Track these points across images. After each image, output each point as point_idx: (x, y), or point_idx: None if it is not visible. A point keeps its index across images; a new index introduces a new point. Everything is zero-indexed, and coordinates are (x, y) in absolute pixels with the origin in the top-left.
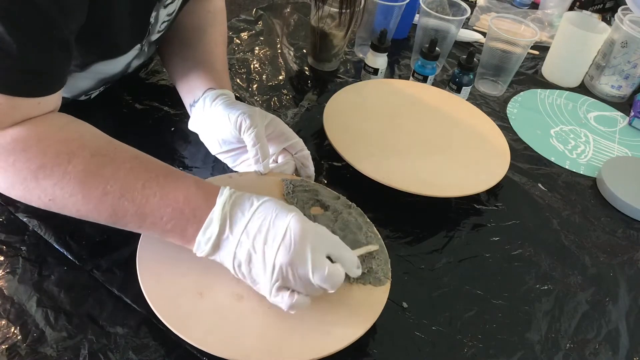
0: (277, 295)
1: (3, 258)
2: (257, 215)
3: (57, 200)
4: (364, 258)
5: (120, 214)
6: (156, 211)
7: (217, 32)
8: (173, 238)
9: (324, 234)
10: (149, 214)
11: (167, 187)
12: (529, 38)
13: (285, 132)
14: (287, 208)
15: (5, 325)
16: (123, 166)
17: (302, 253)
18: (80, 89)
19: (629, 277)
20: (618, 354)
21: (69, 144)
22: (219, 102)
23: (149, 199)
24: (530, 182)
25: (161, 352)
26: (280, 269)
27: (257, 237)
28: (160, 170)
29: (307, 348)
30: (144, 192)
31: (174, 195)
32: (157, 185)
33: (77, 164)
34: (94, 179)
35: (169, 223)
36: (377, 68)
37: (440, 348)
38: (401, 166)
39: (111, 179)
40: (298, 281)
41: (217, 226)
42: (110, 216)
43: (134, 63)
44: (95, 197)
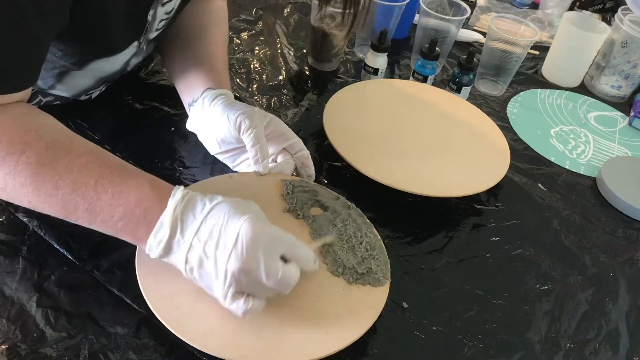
0: (232, 302)
1: (3, 258)
2: (209, 218)
3: (7, 189)
4: (364, 258)
5: (70, 209)
6: (107, 210)
7: (218, 32)
8: (124, 237)
9: (277, 236)
10: (100, 212)
11: (120, 185)
12: (529, 38)
13: (284, 132)
14: (240, 211)
15: (5, 325)
16: (77, 160)
17: (254, 259)
18: (79, 88)
19: (629, 277)
20: (618, 354)
21: (24, 135)
22: (218, 102)
23: (101, 196)
24: (530, 182)
25: (161, 352)
26: (233, 275)
27: (208, 243)
28: (115, 167)
29: (307, 348)
30: (96, 189)
31: (127, 194)
32: (109, 183)
33: (30, 154)
34: (46, 172)
35: (119, 222)
36: (377, 68)
37: (440, 348)
38: (401, 166)
39: (64, 172)
40: (252, 286)
41: (168, 229)
42: (60, 210)
43: (133, 61)
44: (46, 190)
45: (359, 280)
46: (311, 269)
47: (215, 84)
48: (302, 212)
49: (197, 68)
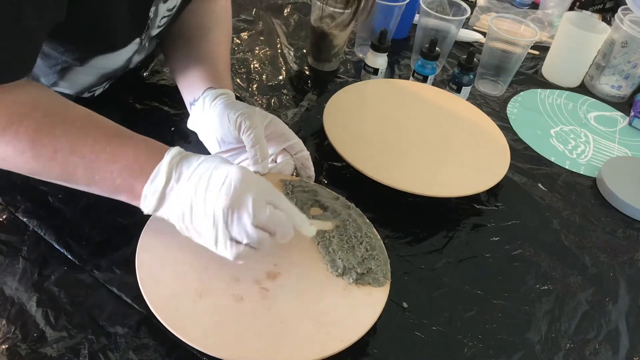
0: (223, 246)
1: (3, 258)
2: (201, 166)
3: (8, 159)
4: (364, 258)
5: (70, 171)
6: (105, 167)
7: (221, 32)
8: (123, 194)
9: (267, 187)
10: (98, 169)
11: (116, 143)
12: (529, 38)
13: (285, 132)
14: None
15: (5, 325)
16: (74, 124)
17: (242, 197)
18: (82, 85)
19: (629, 277)
20: (618, 354)
21: (21, 107)
22: (219, 101)
23: (99, 155)
24: (530, 182)
25: (161, 352)
26: (222, 213)
27: (199, 185)
28: (110, 129)
29: (308, 349)
30: (94, 148)
31: (124, 151)
32: (106, 142)
33: (28, 124)
34: (44, 138)
35: (118, 178)
36: (377, 68)
37: (440, 348)
38: (401, 166)
39: (62, 137)
40: (240, 227)
41: (164, 178)
42: (61, 173)
43: (135, 58)
44: (46, 154)
45: (359, 281)
46: (308, 232)
47: (217, 84)
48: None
49: (198, 67)
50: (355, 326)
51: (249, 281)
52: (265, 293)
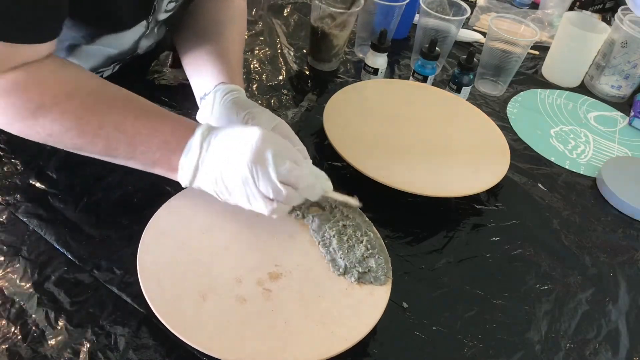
0: (255, 201)
1: (3, 258)
2: (226, 133)
3: (54, 135)
4: (365, 257)
5: (113, 145)
6: (146, 142)
7: (235, 30)
8: (160, 167)
9: (287, 145)
10: (139, 144)
11: (155, 120)
12: (529, 38)
13: (290, 136)
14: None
15: (6, 325)
16: (116, 103)
17: (263, 153)
18: (90, 65)
19: (629, 277)
20: (618, 354)
21: (65, 85)
22: (229, 97)
23: (140, 130)
24: (530, 182)
25: (161, 352)
26: (247, 169)
27: (226, 149)
28: (149, 107)
29: (313, 349)
30: (135, 125)
31: (162, 127)
32: (146, 119)
33: (74, 102)
34: (89, 115)
35: (157, 152)
36: (377, 68)
37: (440, 348)
38: (401, 166)
39: (106, 114)
40: (266, 182)
41: (198, 150)
42: (104, 148)
43: (143, 43)
44: (91, 130)
45: (361, 279)
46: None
47: (228, 79)
48: (302, 211)
49: (211, 63)
50: (358, 325)
51: (252, 282)
52: (268, 294)
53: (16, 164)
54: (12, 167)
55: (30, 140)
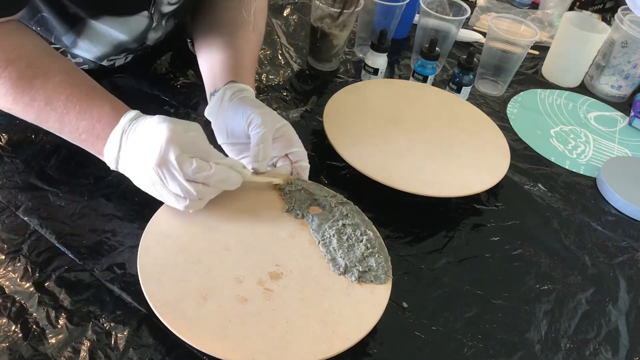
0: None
1: (4, 257)
2: (142, 129)
3: None
4: (365, 256)
5: (43, 119)
6: (74, 122)
7: (252, 30)
8: (87, 148)
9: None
10: (67, 123)
11: (86, 103)
12: (529, 38)
13: (292, 139)
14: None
15: (6, 324)
16: (53, 78)
17: (167, 155)
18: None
19: (629, 277)
20: (618, 354)
21: (9, 53)
22: (239, 96)
23: (69, 111)
24: (530, 182)
25: (161, 351)
26: (154, 172)
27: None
28: (84, 87)
29: (315, 348)
30: (66, 105)
31: (90, 111)
32: (78, 101)
33: (12, 71)
34: (24, 87)
35: (83, 134)
36: (377, 68)
37: (440, 348)
38: (401, 166)
39: (40, 89)
40: (174, 183)
41: (117, 143)
42: (35, 119)
43: (151, 35)
44: (24, 101)
45: (361, 278)
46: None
47: (240, 78)
48: (302, 211)
49: (224, 60)
50: (360, 324)
51: (252, 282)
52: (269, 294)
53: (17, 163)
54: (12, 166)
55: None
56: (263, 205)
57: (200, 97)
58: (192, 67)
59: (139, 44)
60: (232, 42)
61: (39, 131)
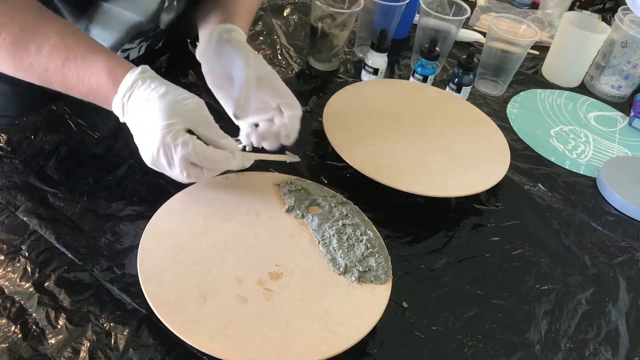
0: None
1: (3, 257)
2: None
3: None
4: (365, 256)
5: (47, 82)
6: (75, 88)
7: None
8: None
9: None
10: (71, 88)
11: (82, 69)
12: (529, 38)
13: (278, 87)
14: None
15: (6, 325)
16: (47, 43)
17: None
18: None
19: (629, 277)
20: (618, 354)
21: (1, 17)
22: (228, 37)
23: (68, 76)
24: (530, 182)
25: (161, 351)
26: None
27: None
28: (79, 50)
29: (315, 348)
30: (64, 71)
31: (88, 79)
32: (74, 66)
33: (6, 36)
34: (21, 53)
35: (89, 96)
36: (377, 68)
37: (440, 348)
38: (401, 166)
39: (35, 54)
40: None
41: (121, 112)
42: (40, 83)
43: (164, 17)
44: (24, 67)
45: (362, 278)
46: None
47: (231, 21)
48: (301, 211)
49: (219, 9)
50: (360, 324)
51: (252, 282)
52: (269, 294)
53: (16, 164)
54: (12, 166)
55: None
56: (263, 205)
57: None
58: (192, 67)
59: (153, 25)
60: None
61: (39, 131)
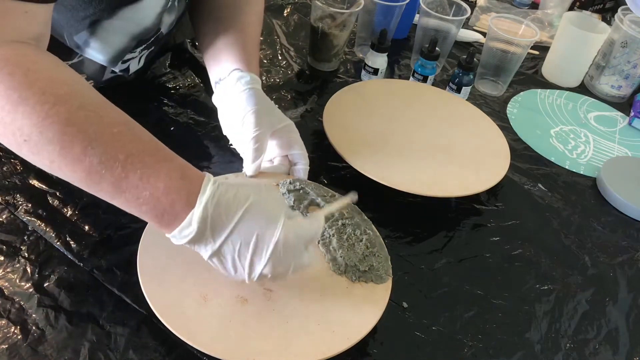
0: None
1: (3, 258)
2: (242, 225)
3: (32, 143)
4: (365, 256)
5: (95, 180)
6: (133, 190)
7: (252, 12)
8: (147, 220)
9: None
10: (126, 190)
11: (150, 168)
12: (529, 38)
13: (292, 140)
14: (273, 216)
15: (6, 325)
16: (109, 129)
17: (287, 264)
18: (115, 48)
19: (629, 277)
20: (618, 354)
21: (57, 87)
22: (244, 87)
23: (129, 174)
24: (530, 182)
25: (161, 351)
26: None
27: (242, 249)
28: (147, 145)
29: (315, 348)
30: (125, 167)
31: (155, 180)
32: (140, 163)
33: (61, 110)
34: (75, 133)
35: (144, 206)
36: (377, 68)
37: (440, 348)
38: (401, 166)
39: (94, 140)
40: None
41: (196, 228)
42: (84, 179)
43: (166, 19)
44: (74, 153)
45: (362, 278)
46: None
47: (244, 65)
48: (301, 211)
49: (227, 47)
50: (360, 324)
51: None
52: (269, 294)
53: (15, 164)
54: (11, 167)
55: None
56: None
57: (199, 97)
58: (190, 67)
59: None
60: (234, 27)
61: None
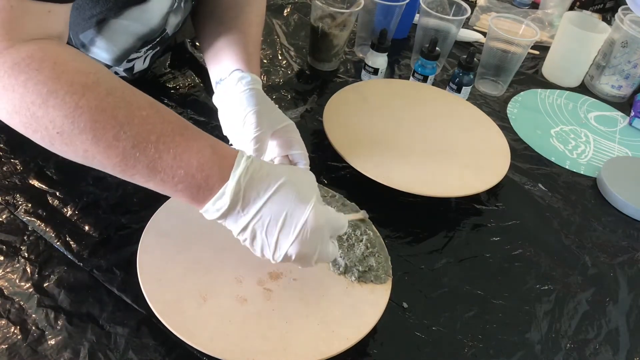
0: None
1: (3, 258)
2: (273, 200)
3: (65, 134)
4: (365, 256)
5: (130, 164)
6: (168, 170)
7: (254, 12)
8: (181, 198)
9: (332, 222)
10: (161, 171)
11: (182, 146)
12: (529, 38)
13: (293, 140)
14: (304, 195)
15: (6, 325)
16: (138, 112)
17: (314, 246)
18: (120, 47)
19: (629, 277)
20: (618, 354)
21: (84, 77)
22: (244, 88)
23: (162, 155)
24: (530, 182)
25: (161, 351)
26: (288, 255)
27: (270, 225)
28: (176, 125)
29: (314, 348)
30: (158, 147)
31: (188, 157)
32: (172, 142)
33: (90, 98)
34: (107, 119)
35: (179, 184)
36: (377, 68)
37: (440, 348)
38: (401, 166)
39: (125, 124)
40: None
41: (229, 201)
42: (118, 164)
43: (172, 20)
44: (107, 139)
45: (362, 278)
46: None
47: (245, 66)
48: None
49: (228, 47)
50: (359, 324)
51: (252, 282)
52: (268, 294)
53: (15, 164)
54: (11, 167)
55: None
56: None
57: (199, 97)
58: (190, 67)
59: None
60: (236, 27)
61: None
